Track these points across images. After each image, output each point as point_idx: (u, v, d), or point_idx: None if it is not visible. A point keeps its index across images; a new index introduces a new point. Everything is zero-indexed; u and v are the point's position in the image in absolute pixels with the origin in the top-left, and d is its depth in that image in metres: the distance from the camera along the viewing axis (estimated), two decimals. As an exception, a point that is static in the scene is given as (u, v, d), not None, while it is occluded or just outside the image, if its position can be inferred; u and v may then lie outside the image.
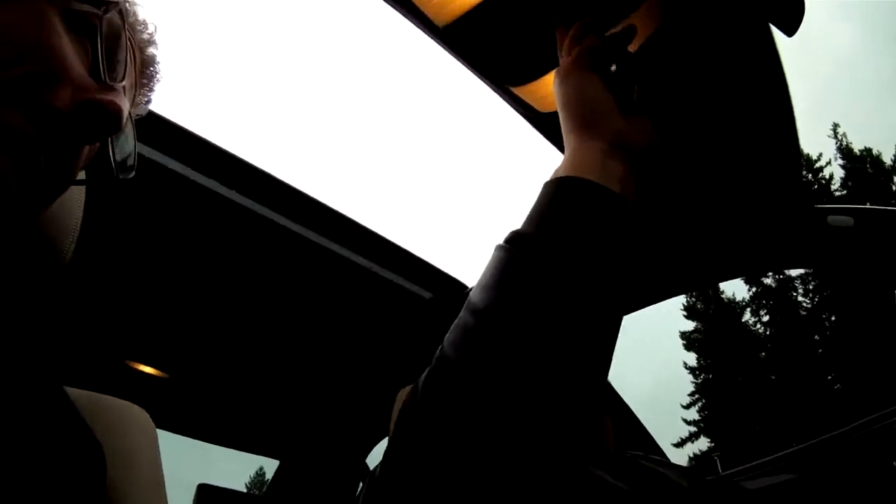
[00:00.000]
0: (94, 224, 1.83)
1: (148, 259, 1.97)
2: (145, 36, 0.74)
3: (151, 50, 0.75)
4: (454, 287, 2.28)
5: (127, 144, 0.68)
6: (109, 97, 0.56)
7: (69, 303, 2.07)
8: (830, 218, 1.56)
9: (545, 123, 1.45)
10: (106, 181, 0.68)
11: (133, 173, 0.70)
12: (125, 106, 0.59)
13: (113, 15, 0.61)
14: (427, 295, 2.27)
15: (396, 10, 1.25)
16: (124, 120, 0.59)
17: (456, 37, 1.20)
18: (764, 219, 1.69)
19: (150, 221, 1.84)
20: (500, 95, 1.36)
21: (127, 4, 0.70)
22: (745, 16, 1.19)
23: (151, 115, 1.51)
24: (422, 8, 1.17)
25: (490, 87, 1.34)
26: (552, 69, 1.17)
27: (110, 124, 0.57)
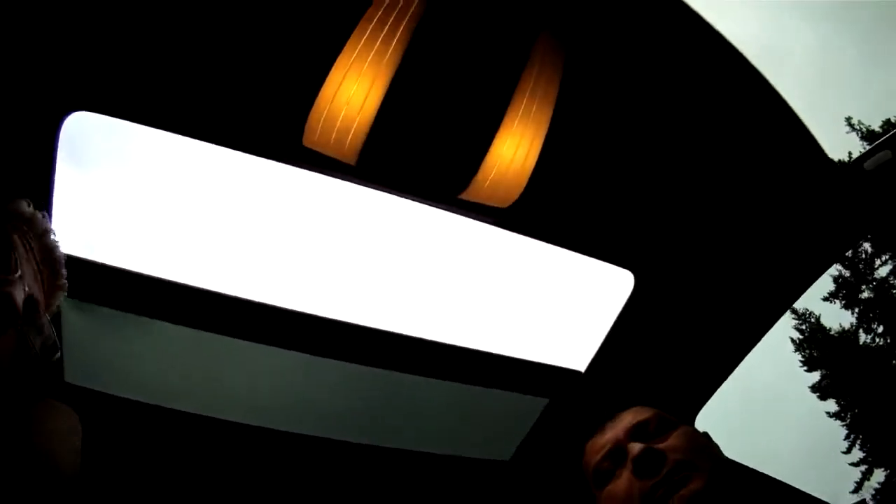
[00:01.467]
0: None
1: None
2: (40, 228, 0.85)
3: (50, 238, 0.86)
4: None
5: (46, 329, 0.79)
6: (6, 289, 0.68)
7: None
8: (867, 163, 1.32)
9: (513, 219, 1.24)
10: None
11: (57, 353, 0.82)
12: (19, 294, 0.70)
13: None
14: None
15: (308, 169, 1.13)
16: (20, 304, 0.70)
17: (373, 167, 1.05)
18: (814, 209, 1.43)
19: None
20: (457, 212, 1.18)
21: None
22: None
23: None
24: (325, 153, 1.03)
25: (441, 208, 1.17)
26: (486, 151, 1.00)
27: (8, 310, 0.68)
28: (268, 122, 1.10)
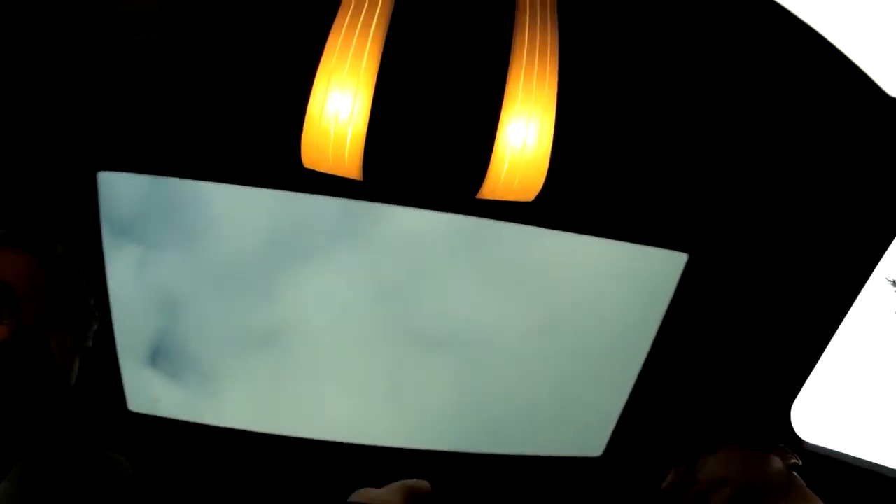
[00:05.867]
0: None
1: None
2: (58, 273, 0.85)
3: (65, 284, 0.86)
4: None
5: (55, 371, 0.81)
6: None
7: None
8: None
9: (544, 212, 1.14)
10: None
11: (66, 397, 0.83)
12: None
13: None
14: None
15: (318, 194, 1.08)
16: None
17: (380, 180, 0.98)
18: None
19: None
20: (477, 215, 1.09)
21: None
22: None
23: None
24: (328, 172, 0.97)
25: (460, 213, 1.09)
26: (490, 150, 0.91)
27: None
28: (270, 153, 1.07)
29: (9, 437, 0.79)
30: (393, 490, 0.88)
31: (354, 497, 0.85)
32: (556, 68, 0.86)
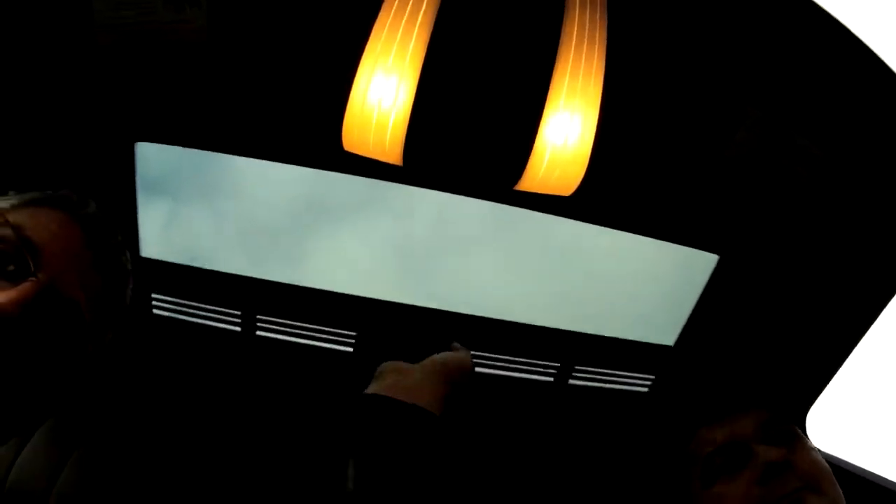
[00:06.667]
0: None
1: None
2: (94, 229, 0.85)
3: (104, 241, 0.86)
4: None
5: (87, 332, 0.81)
6: None
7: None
8: None
9: (582, 207, 1.14)
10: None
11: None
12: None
13: None
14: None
15: (356, 175, 1.09)
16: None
17: (421, 166, 0.99)
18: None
19: None
20: (516, 205, 1.10)
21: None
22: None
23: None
24: (368, 156, 0.98)
25: (499, 202, 1.09)
26: (532, 141, 0.91)
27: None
28: (310, 132, 1.08)
29: (38, 394, 0.81)
30: (427, 372, 0.73)
31: (382, 368, 0.74)
32: (603, 65, 0.85)
